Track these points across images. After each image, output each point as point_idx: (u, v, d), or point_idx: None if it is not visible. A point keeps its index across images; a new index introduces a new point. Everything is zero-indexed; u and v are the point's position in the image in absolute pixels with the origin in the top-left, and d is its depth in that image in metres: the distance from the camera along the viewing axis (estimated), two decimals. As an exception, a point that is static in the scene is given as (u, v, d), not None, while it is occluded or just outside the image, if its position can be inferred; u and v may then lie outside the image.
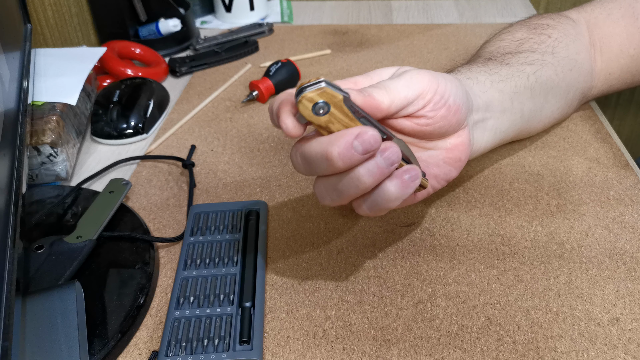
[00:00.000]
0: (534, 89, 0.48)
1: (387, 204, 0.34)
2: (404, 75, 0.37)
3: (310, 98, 0.32)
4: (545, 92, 0.49)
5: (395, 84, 0.36)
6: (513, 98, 0.46)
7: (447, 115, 0.38)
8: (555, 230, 0.46)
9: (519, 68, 0.48)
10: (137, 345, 0.39)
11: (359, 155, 0.32)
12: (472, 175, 0.53)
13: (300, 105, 0.32)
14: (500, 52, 0.50)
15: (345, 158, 0.32)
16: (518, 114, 0.47)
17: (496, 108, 0.45)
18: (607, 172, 0.53)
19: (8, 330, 0.28)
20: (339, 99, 0.32)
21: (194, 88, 0.72)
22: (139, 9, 0.79)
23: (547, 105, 0.51)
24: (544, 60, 0.49)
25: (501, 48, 0.51)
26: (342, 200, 0.35)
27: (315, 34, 0.86)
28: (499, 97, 0.45)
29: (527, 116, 0.49)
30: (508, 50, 0.50)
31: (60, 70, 0.62)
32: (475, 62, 0.49)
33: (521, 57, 0.49)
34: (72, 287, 0.38)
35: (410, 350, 0.37)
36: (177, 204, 0.52)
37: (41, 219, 0.48)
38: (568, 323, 0.39)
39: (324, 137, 0.33)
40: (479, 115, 0.43)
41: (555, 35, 0.52)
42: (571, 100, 0.55)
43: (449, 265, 0.44)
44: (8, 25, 0.51)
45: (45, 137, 0.52)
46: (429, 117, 0.37)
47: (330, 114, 0.32)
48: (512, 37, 0.52)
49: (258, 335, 0.38)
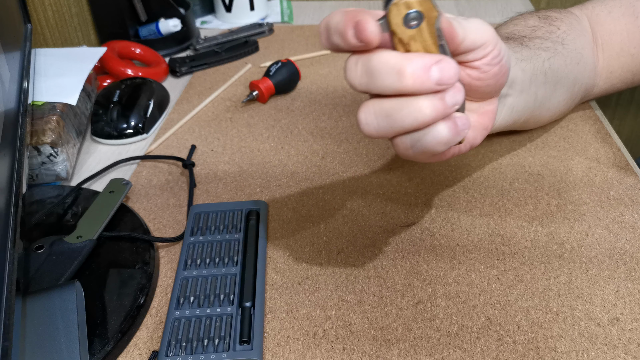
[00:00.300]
0: (547, 75, 0.48)
1: (434, 146, 0.32)
2: (473, 20, 0.35)
3: (408, 4, 0.29)
4: (555, 81, 0.50)
5: (469, 24, 0.34)
6: (532, 79, 0.46)
7: (497, 74, 0.37)
8: (556, 230, 0.46)
9: (536, 52, 0.48)
10: (137, 345, 0.39)
11: (431, 83, 0.30)
12: (472, 175, 0.53)
13: (395, 9, 0.29)
14: (517, 35, 0.50)
15: (417, 79, 0.30)
16: (532, 97, 0.47)
17: (517, 86, 0.44)
18: (607, 172, 0.53)
19: (8, 330, 0.28)
20: (434, 14, 0.30)
21: (194, 88, 0.72)
22: (139, 9, 0.79)
23: (555, 95, 0.51)
24: (556, 49, 0.49)
25: (516, 31, 0.51)
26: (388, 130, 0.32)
27: (316, 34, 0.86)
28: (522, 75, 0.45)
29: (539, 101, 0.49)
30: (523, 34, 0.50)
31: (60, 70, 0.62)
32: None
33: (537, 41, 0.49)
34: (72, 287, 0.38)
35: (411, 350, 0.37)
36: (177, 204, 0.52)
37: (41, 219, 0.48)
38: (568, 323, 0.39)
39: (400, 52, 0.31)
40: (504, 90, 0.42)
41: (564, 27, 0.52)
42: (576, 94, 0.55)
43: (449, 265, 0.44)
44: (8, 25, 0.51)
45: (45, 137, 0.52)
46: (483, 71, 0.36)
47: (420, 29, 0.30)
48: (525, 23, 0.53)
49: (258, 335, 0.38)
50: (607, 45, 0.55)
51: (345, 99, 0.68)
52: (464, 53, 0.35)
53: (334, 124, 0.63)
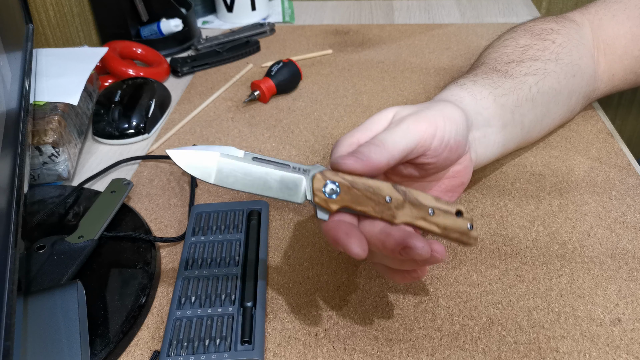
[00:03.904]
0: (536, 100, 0.48)
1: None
2: (400, 125, 0.37)
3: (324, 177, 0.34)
4: (547, 102, 0.49)
5: (392, 136, 0.36)
6: (514, 111, 0.46)
7: (449, 156, 0.38)
8: (557, 230, 0.46)
9: (522, 79, 0.47)
10: (139, 345, 0.39)
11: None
12: (473, 176, 0.53)
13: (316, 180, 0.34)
14: (504, 60, 0.50)
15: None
16: (518, 127, 0.47)
17: (497, 123, 0.45)
18: (609, 172, 0.53)
19: (10, 330, 0.28)
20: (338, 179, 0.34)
21: (196, 88, 0.72)
22: (140, 9, 0.79)
23: (548, 114, 0.51)
24: (547, 69, 0.49)
25: (505, 55, 0.51)
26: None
27: (317, 33, 0.86)
28: (501, 112, 0.45)
29: (527, 127, 0.49)
30: (512, 58, 0.50)
31: (61, 70, 0.62)
32: (480, 72, 0.48)
33: (524, 66, 0.49)
34: (74, 286, 0.38)
35: (412, 351, 0.37)
36: (179, 204, 0.52)
37: (43, 219, 0.48)
38: (570, 323, 0.39)
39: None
40: (481, 131, 0.43)
41: (560, 40, 0.52)
42: (573, 106, 0.55)
43: (450, 265, 0.43)
44: (10, 26, 0.51)
45: (47, 137, 0.52)
46: (430, 162, 0.38)
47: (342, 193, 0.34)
48: (516, 43, 0.52)
49: (259, 335, 0.38)
50: (609, 49, 0.55)
51: (346, 99, 0.68)
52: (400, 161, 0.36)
53: (335, 123, 0.63)
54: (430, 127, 0.37)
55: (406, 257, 0.32)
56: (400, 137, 0.36)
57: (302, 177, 0.35)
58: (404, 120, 0.37)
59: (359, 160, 0.34)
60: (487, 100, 0.44)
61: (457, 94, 0.44)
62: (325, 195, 0.34)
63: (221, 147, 0.34)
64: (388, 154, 0.35)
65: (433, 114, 0.38)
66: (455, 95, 0.44)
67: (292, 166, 0.35)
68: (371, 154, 0.35)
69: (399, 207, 0.34)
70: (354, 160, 0.34)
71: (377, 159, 0.35)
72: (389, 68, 0.74)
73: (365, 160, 0.34)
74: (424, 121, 0.37)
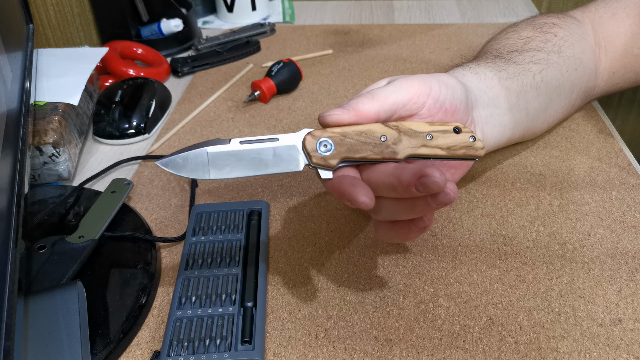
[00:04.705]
0: (540, 88, 0.48)
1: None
2: (393, 82, 0.37)
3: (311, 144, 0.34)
4: (550, 92, 0.50)
5: (383, 90, 0.36)
6: (519, 96, 0.46)
7: (444, 119, 0.38)
8: (558, 231, 0.46)
9: (526, 67, 0.48)
10: (139, 345, 0.39)
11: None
12: (474, 175, 0.53)
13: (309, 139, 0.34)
14: (506, 50, 0.50)
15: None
16: (524, 112, 0.48)
17: (503, 104, 0.45)
18: (610, 172, 0.53)
19: (10, 330, 0.28)
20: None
21: (196, 88, 0.72)
22: (140, 9, 0.79)
23: (551, 105, 0.51)
24: (550, 60, 0.49)
25: (507, 45, 0.51)
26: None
27: (317, 34, 0.86)
28: (506, 94, 0.45)
29: (532, 115, 0.49)
30: (514, 48, 0.50)
31: (62, 70, 0.62)
32: (482, 58, 0.49)
33: (527, 55, 0.49)
34: (74, 286, 0.38)
35: (412, 351, 0.37)
36: (179, 204, 0.52)
37: (43, 219, 0.48)
38: (570, 323, 0.39)
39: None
40: (487, 111, 0.43)
41: (562, 34, 0.52)
42: (575, 100, 0.55)
43: (450, 266, 0.43)
44: (10, 26, 0.51)
45: (47, 137, 0.52)
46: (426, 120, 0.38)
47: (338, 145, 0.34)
48: (518, 35, 0.52)
49: (260, 335, 0.38)
50: (610, 47, 0.55)
51: (346, 99, 0.68)
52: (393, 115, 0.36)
53: (335, 124, 0.63)
54: (424, 86, 0.37)
55: (422, 191, 0.31)
56: (391, 92, 0.36)
57: (293, 144, 0.34)
58: (397, 79, 0.38)
59: (346, 111, 0.34)
60: (491, 80, 0.45)
61: (459, 72, 0.44)
62: (321, 154, 0.34)
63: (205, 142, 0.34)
64: (377, 104, 0.35)
65: (428, 77, 0.38)
66: (457, 73, 0.44)
67: (280, 138, 0.35)
68: (359, 104, 0.35)
69: (396, 142, 0.34)
70: (342, 111, 0.34)
71: (366, 108, 0.34)
72: (390, 68, 0.74)
73: (353, 111, 0.34)
74: (417, 80, 0.37)
